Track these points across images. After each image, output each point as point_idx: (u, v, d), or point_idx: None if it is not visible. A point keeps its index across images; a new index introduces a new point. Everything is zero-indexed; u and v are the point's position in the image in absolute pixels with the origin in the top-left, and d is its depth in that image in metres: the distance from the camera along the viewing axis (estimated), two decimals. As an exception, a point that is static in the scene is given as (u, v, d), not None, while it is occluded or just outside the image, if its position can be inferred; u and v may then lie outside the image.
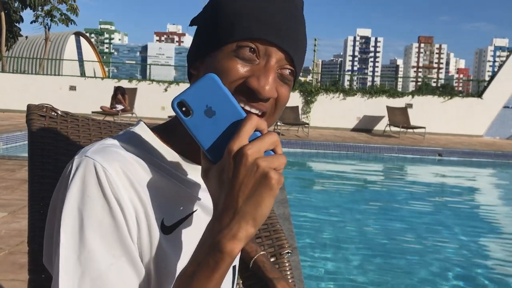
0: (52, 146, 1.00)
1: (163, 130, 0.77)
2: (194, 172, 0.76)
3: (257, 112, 0.70)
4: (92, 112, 12.14)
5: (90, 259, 0.62)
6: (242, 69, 0.68)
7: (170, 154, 0.74)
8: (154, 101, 14.93)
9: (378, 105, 15.21)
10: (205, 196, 0.75)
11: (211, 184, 0.62)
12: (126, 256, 0.65)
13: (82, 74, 22.12)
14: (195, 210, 0.75)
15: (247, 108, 0.69)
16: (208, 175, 0.62)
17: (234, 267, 0.88)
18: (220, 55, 0.70)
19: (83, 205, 0.63)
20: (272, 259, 1.19)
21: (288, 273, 1.18)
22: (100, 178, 0.64)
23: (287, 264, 1.19)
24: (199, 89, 0.61)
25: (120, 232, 0.64)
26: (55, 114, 1.05)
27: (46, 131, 1.01)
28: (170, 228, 0.71)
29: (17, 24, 18.05)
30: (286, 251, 1.21)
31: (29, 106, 1.03)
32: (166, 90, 15.50)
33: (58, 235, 0.63)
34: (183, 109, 0.61)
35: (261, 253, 1.12)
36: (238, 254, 0.60)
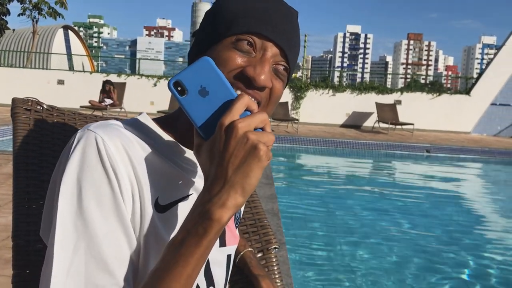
0: (37, 141, 0.99)
1: (164, 120, 0.83)
2: (191, 158, 0.79)
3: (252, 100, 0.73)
4: (81, 107, 12.03)
5: (86, 226, 0.65)
6: (240, 59, 0.73)
7: (169, 141, 0.78)
8: (143, 96, 14.84)
9: (367, 102, 15.28)
10: (200, 182, 0.78)
11: (202, 159, 0.65)
12: (120, 226, 0.67)
13: (71, 68, 21.90)
14: (191, 194, 0.78)
15: None
16: (200, 150, 0.66)
17: (229, 256, 0.88)
18: (220, 47, 0.75)
19: (82, 174, 0.66)
20: (259, 255, 1.19)
21: (275, 268, 1.19)
22: (100, 150, 0.67)
23: (274, 260, 1.19)
24: (194, 70, 0.65)
25: (117, 202, 0.67)
26: (41, 108, 1.04)
27: (31, 125, 1.00)
28: (164, 208, 0.73)
29: (4, 17, 17.77)
30: (273, 247, 1.21)
31: (14, 100, 1.02)
32: (155, 85, 15.39)
33: (57, 203, 0.65)
34: (179, 88, 0.65)
35: (249, 249, 1.13)
36: (226, 224, 0.62)
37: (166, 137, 0.78)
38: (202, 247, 0.61)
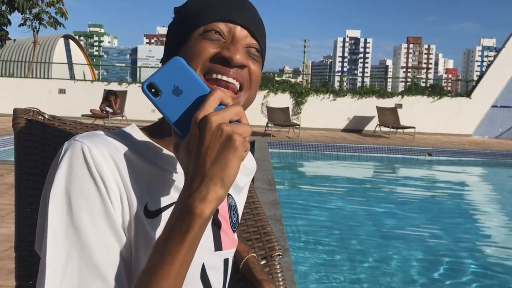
0: (39, 150, 0.99)
1: (150, 128, 0.83)
2: (177, 164, 0.79)
3: (234, 82, 0.75)
4: (82, 115, 12.06)
5: (78, 234, 0.65)
6: (212, 47, 0.75)
7: (155, 147, 0.79)
8: (145, 104, 14.81)
9: (368, 106, 15.28)
10: None
11: (181, 157, 0.65)
12: (112, 231, 0.67)
13: (72, 77, 21.96)
14: None
15: (225, 78, 0.74)
16: (178, 149, 0.66)
17: (226, 260, 0.87)
18: (190, 42, 0.76)
19: (70, 184, 0.66)
20: (262, 262, 1.19)
21: (279, 275, 1.18)
22: (87, 159, 0.67)
23: (278, 267, 1.19)
24: (166, 71, 0.66)
25: (107, 209, 0.67)
26: (42, 118, 1.04)
27: (33, 135, 1.00)
28: (154, 213, 0.73)
29: (5, 28, 17.85)
30: (277, 253, 1.20)
31: (15, 110, 1.02)
32: (156, 92, 15.41)
33: (47, 214, 0.65)
34: (153, 90, 0.65)
35: (252, 254, 1.12)
36: (209, 219, 0.62)
37: (152, 144, 0.79)
38: (187, 243, 0.61)
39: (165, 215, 0.75)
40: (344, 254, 4.57)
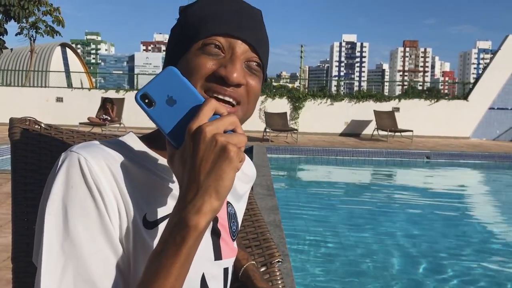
0: (35, 160, 0.98)
1: (149, 137, 0.83)
2: None
3: (231, 100, 0.74)
4: (80, 123, 12.04)
5: (74, 246, 0.64)
6: (210, 63, 0.73)
7: (153, 156, 0.78)
8: (142, 111, 14.84)
9: (365, 110, 15.30)
10: None
11: (176, 167, 0.64)
12: (108, 244, 0.66)
13: (69, 85, 21.94)
14: None
15: (221, 97, 0.73)
16: (173, 159, 0.65)
17: (226, 269, 0.87)
18: (189, 56, 0.75)
19: (67, 196, 0.65)
20: (262, 269, 1.18)
21: (279, 282, 1.17)
22: (83, 170, 0.66)
23: (278, 273, 1.18)
24: (159, 81, 0.65)
25: (103, 220, 0.66)
26: (38, 127, 1.03)
27: (29, 145, 0.99)
28: (153, 224, 0.72)
29: (1, 37, 17.85)
30: (277, 260, 1.20)
31: (11, 120, 1.01)
32: (153, 99, 15.42)
33: (43, 225, 0.65)
34: (146, 101, 0.64)
35: (252, 262, 1.11)
36: (205, 230, 0.61)
37: (151, 152, 0.78)
38: (182, 256, 0.60)
39: (163, 226, 0.73)
40: (344, 258, 4.56)
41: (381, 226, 5.79)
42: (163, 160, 0.78)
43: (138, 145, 0.78)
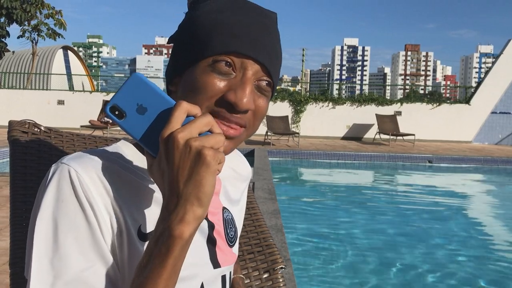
0: (35, 163, 0.96)
1: None
2: None
3: (238, 128, 0.71)
4: (81, 126, 12.05)
5: (63, 262, 0.62)
6: (219, 83, 0.70)
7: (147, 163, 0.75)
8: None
9: (367, 113, 15.29)
10: None
11: (156, 178, 0.62)
12: (100, 258, 0.64)
13: (71, 88, 22.00)
14: None
15: (226, 123, 0.71)
16: (152, 170, 0.63)
17: (223, 276, 0.85)
18: (197, 71, 0.71)
19: (57, 210, 0.63)
20: (265, 275, 1.16)
21: (282, 288, 1.15)
22: (74, 182, 0.64)
23: (280, 280, 1.16)
24: (127, 90, 0.61)
25: (94, 235, 0.64)
26: (38, 130, 1.02)
27: (29, 148, 0.98)
28: (148, 235, 0.70)
29: (3, 40, 17.90)
30: (280, 266, 1.18)
31: (10, 123, 1.00)
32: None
33: (32, 240, 0.63)
34: (116, 112, 0.62)
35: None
36: (191, 240, 0.60)
37: (144, 160, 0.74)
38: (168, 266, 0.58)
39: None
40: (346, 261, 4.53)
41: (383, 230, 5.77)
42: None
43: (132, 152, 0.75)
